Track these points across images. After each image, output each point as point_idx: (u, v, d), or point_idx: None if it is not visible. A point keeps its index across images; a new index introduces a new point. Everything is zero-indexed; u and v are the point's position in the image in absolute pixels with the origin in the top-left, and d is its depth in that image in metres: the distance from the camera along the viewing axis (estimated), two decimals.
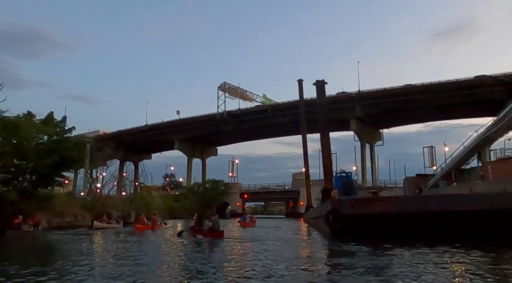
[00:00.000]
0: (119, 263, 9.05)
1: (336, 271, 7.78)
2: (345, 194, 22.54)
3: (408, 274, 7.07)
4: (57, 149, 24.83)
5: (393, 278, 6.86)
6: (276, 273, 7.19)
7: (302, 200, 65.50)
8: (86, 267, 8.05)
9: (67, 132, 25.42)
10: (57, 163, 24.76)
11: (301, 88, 44.78)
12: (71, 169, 27.33)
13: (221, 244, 13.69)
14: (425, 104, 55.06)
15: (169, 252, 11.88)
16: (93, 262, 9.16)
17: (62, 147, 24.95)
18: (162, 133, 75.91)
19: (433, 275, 6.97)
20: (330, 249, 13.23)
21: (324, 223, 20.97)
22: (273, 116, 67.31)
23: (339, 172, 25.17)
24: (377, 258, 9.59)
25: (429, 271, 7.41)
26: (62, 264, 8.70)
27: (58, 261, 9.43)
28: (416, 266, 8.00)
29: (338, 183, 24.24)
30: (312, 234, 20.57)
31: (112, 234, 20.33)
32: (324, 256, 11.32)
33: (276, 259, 9.20)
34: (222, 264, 8.82)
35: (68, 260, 9.40)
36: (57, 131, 24.84)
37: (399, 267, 7.94)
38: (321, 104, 26.04)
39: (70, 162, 25.44)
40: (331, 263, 9.04)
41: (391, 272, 7.53)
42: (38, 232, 21.35)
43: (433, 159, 61.42)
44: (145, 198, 48.87)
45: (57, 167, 24.94)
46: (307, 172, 43.60)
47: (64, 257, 10.36)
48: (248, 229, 25.17)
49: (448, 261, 8.84)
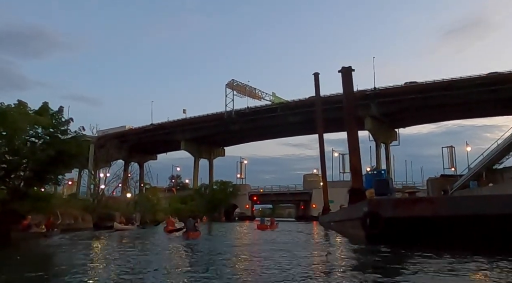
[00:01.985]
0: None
1: None
2: (379, 194, 19.81)
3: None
4: (53, 143, 22.30)
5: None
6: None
7: (314, 203, 62.65)
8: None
9: (65, 124, 22.79)
10: (53, 158, 22.18)
11: (317, 82, 41.97)
12: (70, 166, 24.64)
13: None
14: (446, 101, 52.02)
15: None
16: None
17: (58, 141, 22.42)
18: (168, 132, 73.36)
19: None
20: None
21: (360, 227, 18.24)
22: (283, 115, 64.51)
23: (370, 170, 22.37)
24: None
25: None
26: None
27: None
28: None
29: (370, 183, 21.49)
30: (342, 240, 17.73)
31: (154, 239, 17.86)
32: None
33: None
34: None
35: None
36: (53, 123, 22.23)
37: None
38: (348, 94, 23.28)
39: (67, 158, 22.80)
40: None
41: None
42: (52, 235, 20.19)
43: (453, 160, 58.51)
44: (151, 199, 46.40)
45: (53, 163, 22.33)
46: (324, 173, 40.75)
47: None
48: (267, 232, 22.51)
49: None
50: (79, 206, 29.15)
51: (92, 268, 8.08)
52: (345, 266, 8.42)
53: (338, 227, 26.00)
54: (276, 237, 18.96)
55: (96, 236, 20.42)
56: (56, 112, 22.67)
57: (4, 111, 19.00)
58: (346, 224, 22.72)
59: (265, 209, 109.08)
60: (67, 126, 22.93)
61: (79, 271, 7.36)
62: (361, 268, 8.18)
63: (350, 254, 12.58)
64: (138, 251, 12.05)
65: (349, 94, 23.40)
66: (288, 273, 7.04)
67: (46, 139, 22.38)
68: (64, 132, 22.71)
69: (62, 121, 22.82)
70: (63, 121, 22.88)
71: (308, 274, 6.98)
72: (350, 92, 23.40)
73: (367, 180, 21.81)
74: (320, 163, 41.20)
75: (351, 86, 23.35)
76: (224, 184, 68.06)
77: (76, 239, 18.33)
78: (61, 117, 22.79)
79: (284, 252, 11.24)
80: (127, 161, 70.40)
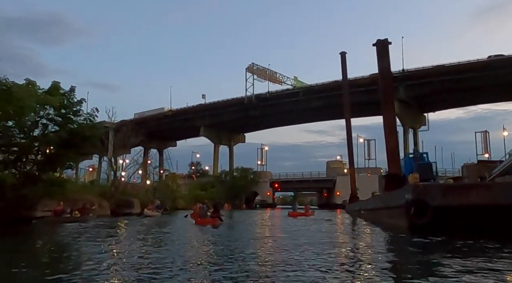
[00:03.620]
0: None
1: None
2: (422, 180, 17.57)
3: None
4: (65, 125, 20.93)
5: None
6: None
7: (338, 190, 60.47)
8: None
9: (77, 105, 21.33)
10: (65, 141, 20.82)
11: (344, 62, 39.35)
12: (83, 149, 23.27)
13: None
14: (481, 83, 48.49)
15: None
16: None
17: (70, 122, 21.03)
18: (187, 118, 72.02)
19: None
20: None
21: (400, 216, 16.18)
22: (305, 100, 61.98)
23: (411, 153, 20.07)
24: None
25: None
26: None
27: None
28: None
29: (410, 167, 19.22)
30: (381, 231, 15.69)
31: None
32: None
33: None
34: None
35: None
36: (64, 104, 20.79)
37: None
38: (384, 71, 20.91)
39: (80, 140, 21.41)
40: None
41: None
42: (86, 220, 20.21)
43: (487, 146, 55.04)
44: (170, 186, 45.34)
45: (66, 146, 20.98)
46: (352, 159, 38.41)
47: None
48: (301, 221, 21.01)
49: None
50: (96, 192, 27.94)
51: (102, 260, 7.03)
52: (392, 261, 7.38)
53: (370, 216, 23.94)
54: (311, 226, 17.15)
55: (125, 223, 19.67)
56: (67, 92, 21.18)
57: (9, 87, 17.54)
58: (382, 213, 20.65)
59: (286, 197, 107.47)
60: (80, 106, 21.47)
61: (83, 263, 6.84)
62: (413, 264, 6.95)
63: (397, 248, 10.67)
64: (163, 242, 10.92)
65: (386, 71, 21.02)
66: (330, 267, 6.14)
67: (58, 121, 21.01)
68: (77, 113, 21.27)
69: (74, 101, 21.36)
70: (75, 102, 21.41)
71: (350, 269, 6.01)
72: (386, 68, 21.01)
73: (406, 164, 19.55)
74: (347, 149, 38.92)
75: (387, 61, 20.97)
76: (245, 171, 66.55)
77: (103, 225, 17.54)
78: (73, 97, 21.30)
79: (322, 244, 9.67)
80: (146, 147, 69.62)
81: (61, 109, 20.99)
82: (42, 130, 21.00)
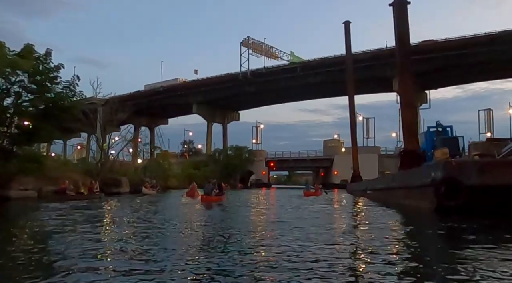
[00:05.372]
0: None
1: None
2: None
3: None
4: (41, 93, 18.48)
5: None
6: None
7: (336, 170, 58.86)
8: None
9: (54, 71, 18.79)
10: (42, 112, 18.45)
11: (348, 33, 36.71)
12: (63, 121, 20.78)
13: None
14: (488, 59, 46.34)
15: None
16: None
17: (47, 90, 18.57)
18: (179, 95, 69.04)
19: None
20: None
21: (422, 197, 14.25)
22: (303, 75, 59.38)
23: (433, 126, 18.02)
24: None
25: None
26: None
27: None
28: None
29: (431, 142, 17.15)
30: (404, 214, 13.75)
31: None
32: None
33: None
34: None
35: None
36: (39, 69, 18.24)
37: None
38: (402, 35, 18.53)
39: (59, 111, 19.00)
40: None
41: None
42: (92, 198, 19.48)
43: (490, 124, 53.46)
44: (162, 164, 43.07)
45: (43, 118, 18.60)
46: (354, 137, 36.38)
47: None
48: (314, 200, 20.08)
49: None
50: (80, 171, 25.59)
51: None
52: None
53: (379, 197, 22.09)
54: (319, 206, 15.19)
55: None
56: (42, 56, 18.60)
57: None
58: (396, 194, 18.75)
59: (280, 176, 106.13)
60: (57, 73, 18.93)
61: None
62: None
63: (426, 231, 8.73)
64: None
65: (404, 35, 18.61)
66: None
67: (33, 88, 18.52)
68: (54, 80, 18.76)
69: (51, 67, 18.80)
70: (52, 67, 18.86)
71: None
72: (404, 32, 18.60)
73: (427, 139, 17.49)
74: (350, 127, 36.92)
75: (406, 24, 18.57)
76: (240, 149, 64.50)
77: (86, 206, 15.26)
78: (49, 61, 18.74)
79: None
80: (136, 125, 67.01)
81: (36, 76, 18.48)
82: (15, 99, 18.55)
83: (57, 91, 18.85)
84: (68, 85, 19.23)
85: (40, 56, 18.45)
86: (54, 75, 18.61)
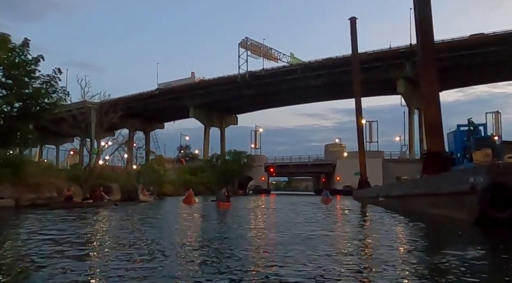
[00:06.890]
0: None
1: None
2: None
3: None
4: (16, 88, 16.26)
5: None
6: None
7: (338, 175, 56.74)
8: None
9: (32, 64, 16.58)
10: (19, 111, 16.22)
11: (353, 30, 34.73)
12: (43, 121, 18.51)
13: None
14: (497, 59, 44.63)
15: None
16: None
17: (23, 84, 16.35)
18: (175, 98, 66.85)
19: None
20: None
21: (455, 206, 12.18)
22: (304, 78, 57.46)
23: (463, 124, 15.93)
24: None
25: None
26: None
27: None
28: None
29: (462, 143, 15.05)
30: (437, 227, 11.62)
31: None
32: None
33: None
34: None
35: None
36: (15, 61, 16.04)
37: None
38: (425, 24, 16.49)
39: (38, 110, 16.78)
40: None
41: None
42: (100, 205, 18.13)
43: (498, 127, 51.65)
44: (157, 170, 40.71)
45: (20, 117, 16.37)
46: (362, 141, 34.32)
47: None
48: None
49: None
50: (65, 176, 23.27)
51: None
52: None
53: (394, 204, 19.97)
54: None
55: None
56: (19, 46, 16.40)
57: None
58: (418, 201, 16.62)
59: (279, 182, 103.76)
60: (36, 66, 16.71)
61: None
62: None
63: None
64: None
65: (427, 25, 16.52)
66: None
67: (7, 83, 16.30)
68: (31, 74, 16.54)
69: (28, 59, 16.59)
70: (30, 60, 16.64)
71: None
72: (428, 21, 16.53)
73: (456, 139, 15.39)
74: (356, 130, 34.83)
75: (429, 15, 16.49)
76: (238, 154, 62.29)
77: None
78: (26, 53, 16.53)
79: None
80: (131, 129, 64.73)
81: (11, 70, 16.27)
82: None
83: (35, 87, 16.61)
84: (48, 80, 16.98)
85: (16, 47, 16.26)
86: (32, 68, 16.41)
